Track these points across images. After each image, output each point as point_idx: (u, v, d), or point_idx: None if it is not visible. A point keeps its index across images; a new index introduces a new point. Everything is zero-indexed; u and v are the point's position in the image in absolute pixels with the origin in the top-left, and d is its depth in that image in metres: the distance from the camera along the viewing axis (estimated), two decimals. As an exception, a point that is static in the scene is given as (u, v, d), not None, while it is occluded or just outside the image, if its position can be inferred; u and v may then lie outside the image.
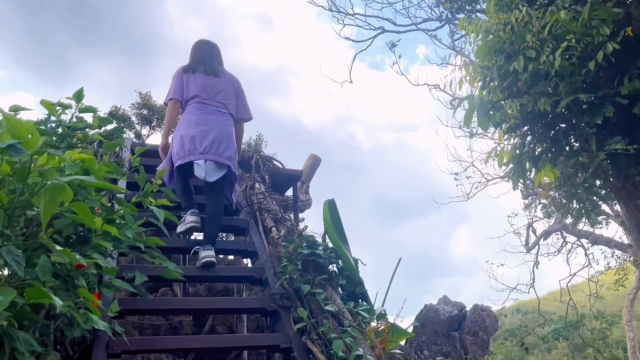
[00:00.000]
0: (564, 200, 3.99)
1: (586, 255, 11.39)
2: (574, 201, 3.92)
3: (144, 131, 10.14)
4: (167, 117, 4.05)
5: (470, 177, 11.37)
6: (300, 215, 5.64)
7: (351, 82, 10.71)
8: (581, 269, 11.40)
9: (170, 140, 4.01)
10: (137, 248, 2.71)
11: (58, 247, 1.64)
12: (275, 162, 5.57)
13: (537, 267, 11.47)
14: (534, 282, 11.37)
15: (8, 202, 1.55)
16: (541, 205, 11.22)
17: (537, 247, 11.48)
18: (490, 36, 3.74)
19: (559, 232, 11.34)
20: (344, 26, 10.76)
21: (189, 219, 3.80)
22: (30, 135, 1.57)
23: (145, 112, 9.86)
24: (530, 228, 11.60)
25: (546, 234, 11.31)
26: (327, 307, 3.14)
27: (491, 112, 3.71)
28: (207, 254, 3.63)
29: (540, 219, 11.55)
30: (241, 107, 4.14)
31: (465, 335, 6.54)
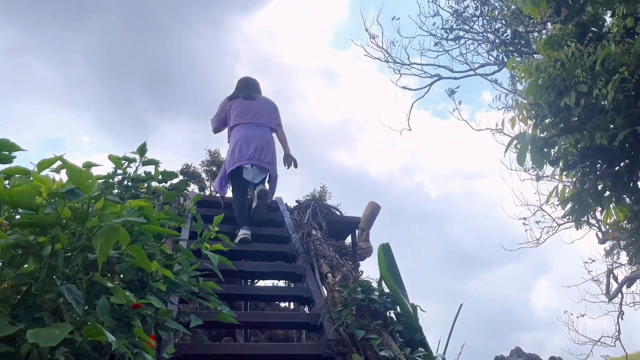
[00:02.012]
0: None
1: (677, 304, 10.41)
2: (643, 239, 3.69)
3: (213, 187, 10.51)
4: None
5: (539, 221, 10.80)
6: (361, 263, 5.61)
7: (410, 129, 10.73)
8: (672, 319, 10.41)
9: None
10: (199, 296, 2.82)
11: (110, 284, 1.75)
12: (332, 210, 5.63)
13: (622, 318, 10.60)
14: (619, 334, 10.48)
15: (68, 244, 1.68)
16: (624, 251, 10.49)
17: (620, 295, 10.64)
18: (542, 74, 3.70)
19: (643, 279, 10.48)
20: (400, 76, 10.88)
21: (241, 232, 4.49)
22: (89, 181, 1.72)
23: (214, 168, 10.25)
24: (611, 275, 10.79)
25: (629, 281, 10.47)
26: (382, 353, 3.08)
27: (545, 150, 3.62)
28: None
29: (622, 265, 10.75)
30: (277, 117, 5.37)
31: (541, 390, 6.10)
